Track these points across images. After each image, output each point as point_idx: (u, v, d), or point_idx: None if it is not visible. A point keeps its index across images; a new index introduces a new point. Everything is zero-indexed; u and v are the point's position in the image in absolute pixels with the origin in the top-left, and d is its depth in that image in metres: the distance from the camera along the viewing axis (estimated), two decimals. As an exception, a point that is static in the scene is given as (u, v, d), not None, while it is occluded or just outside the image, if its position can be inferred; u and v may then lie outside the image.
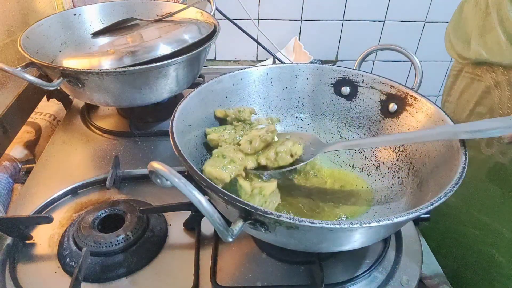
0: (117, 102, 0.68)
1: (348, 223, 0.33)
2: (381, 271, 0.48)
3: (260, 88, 0.60)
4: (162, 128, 0.75)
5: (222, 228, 0.33)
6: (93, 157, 0.67)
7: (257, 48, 1.24)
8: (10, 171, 0.66)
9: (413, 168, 0.51)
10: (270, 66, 0.60)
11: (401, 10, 1.20)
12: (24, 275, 0.47)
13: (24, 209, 0.55)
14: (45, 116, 0.83)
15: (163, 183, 0.31)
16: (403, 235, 0.52)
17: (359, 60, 0.61)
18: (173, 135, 0.43)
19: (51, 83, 0.61)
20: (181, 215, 0.54)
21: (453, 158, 0.43)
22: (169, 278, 0.47)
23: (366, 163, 0.57)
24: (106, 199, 0.58)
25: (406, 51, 0.56)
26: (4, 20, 0.71)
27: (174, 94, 0.71)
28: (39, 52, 0.71)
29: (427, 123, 0.51)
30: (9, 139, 0.69)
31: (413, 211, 0.34)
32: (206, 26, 0.74)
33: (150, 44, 0.67)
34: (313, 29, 1.22)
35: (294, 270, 0.48)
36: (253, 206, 0.34)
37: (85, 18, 0.82)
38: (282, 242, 0.41)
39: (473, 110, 0.63)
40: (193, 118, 0.51)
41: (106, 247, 0.48)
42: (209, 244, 0.51)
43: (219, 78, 0.56)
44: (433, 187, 0.44)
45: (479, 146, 0.61)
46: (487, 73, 0.59)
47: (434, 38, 1.26)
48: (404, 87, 0.54)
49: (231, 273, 0.48)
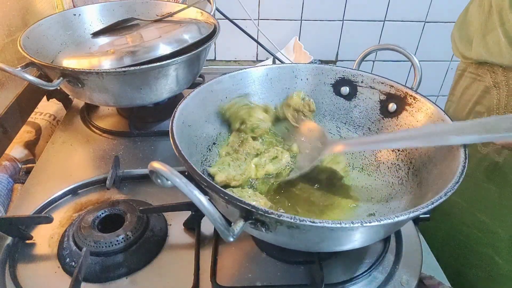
0: (117, 102, 0.68)
1: (349, 222, 0.33)
2: (381, 271, 0.48)
3: (260, 88, 0.60)
4: (162, 128, 0.75)
5: (223, 228, 0.33)
6: (93, 157, 0.67)
7: (257, 48, 1.24)
8: (10, 171, 0.66)
9: (413, 167, 0.51)
10: (270, 66, 0.60)
11: (401, 10, 1.20)
12: (24, 275, 0.47)
13: (24, 209, 0.55)
14: (45, 116, 0.83)
15: (163, 183, 0.31)
16: (403, 235, 0.52)
17: (358, 60, 0.61)
18: (173, 135, 0.43)
19: (51, 83, 0.61)
20: (181, 215, 0.54)
21: (453, 158, 0.43)
22: (169, 278, 0.47)
23: (366, 163, 0.57)
24: (106, 199, 0.58)
25: (406, 51, 0.56)
26: (4, 20, 0.71)
27: (174, 94, 0.71)
28: (39, 52, 0.71)
29: (426, 123, 0.51)
30: (9, 139, 0.69)
31: (413, 211, 0.34)
32: (206, 26, 0.74)
33: (150, 44, 0.67)
34: (313, 29, 1.22)
35: (294, 270, 0.48)
36: (254, 206, 0.34)
37: (85, 18, 0.82)
38: (282, 242, 0.41)
39: (472, 109, 0.64)
40: (193, 118, 0.51)
41: (106, 247, 0.48)
42: (209, 244, 0.51)
43: (219, 78, 0.56)
44: (433, 187, 0.44)
45: (476, 145, 0.62)
46: (488, 74, 0.60)
47: (434, 38, 1.26)
48: (404, 87, 0.55)
49: (231, 273, 0.48)
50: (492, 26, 0.57)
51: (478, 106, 0.62)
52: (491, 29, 0.57)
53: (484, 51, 0.59)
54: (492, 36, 0.57)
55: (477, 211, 0.65)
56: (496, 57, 0.57)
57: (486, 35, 0.58)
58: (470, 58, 0.63)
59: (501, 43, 0.55)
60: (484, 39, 0.59)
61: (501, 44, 0.55)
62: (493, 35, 0.57)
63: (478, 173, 0.63)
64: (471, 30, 0.63)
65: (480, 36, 0.60)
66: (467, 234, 0.67)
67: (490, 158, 0.60)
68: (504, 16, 0.55)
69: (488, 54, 0.58)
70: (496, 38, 0.56)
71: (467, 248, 0.68)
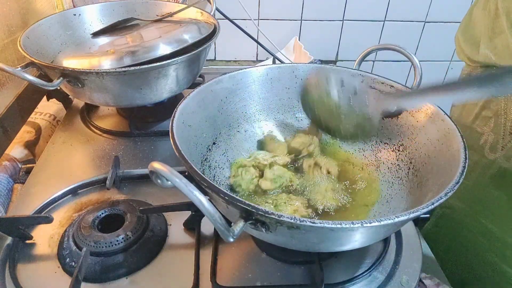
0: (117, 102, 0.68)
1: (349, 223, 0.33)
2: (381, 271, 0.48)
3: (260, 88, 0.60)
4: (162, 128, 0.75)
5: (223, 228, 0.33)
6: (93, 157, 0.67)
7: (257, 48, 1.24)
8: (10, 171, 0.66)
9: (413, 167, 0.51)
10: (270, 66, 0.60)
11: (401, 10, 1.20)
12: (24, 275, 0.47)
13: (24, 209, 0.55)
14: (45, 116, 0.83)
15: (164, 183, 0.31)
16: (403, 235, 0.52)
17: (358, 60, 0.61)
18: (173, 135, 0.43)
19: (51, 83, 0.61)
20: (181, 215, 0.54)
21: (453, 158, 0.43)
22: (169, 278, 0.47)
23: (366, 163, 0.57)
24: (106, 199, 0.58)
25: (406, 50, 0.56)
26: (4, 20, 0.71)
27: (174, 94, 0.71)
28: (39, 52, 0.71)
29: (426, 123, 0.51)
30: (9, 139, 0.69)
31: (413, 211, 0.34)
32: (206, 26, 0.74)
33: (150, 44, 0.67)
34: (313, 29, 1.22)
35: (294, 270, 0.48)
36: (254, 206, 0.34)
37: (85, 18, 0.82)
38: (283, 242, 0.41)
39: (479, 114, 0.63)
40: (193, 118, 0.51)
41: (106, 247, 0.48)
42: (209, 244, 0.51)
43: (219, 78, 0.56)
44: (433, 187, 0.44)
45: (482, 151, 0.61)
46: None
47: (434, 38, 1.26)
48: (404, 87, 0.55)
49: (231, 273, 0.48)
50: (500, 29, 0.56)
51: (485, 111, 0.61)
52: (499, 32, 0.56)
53: (493, 54, 0.58)
54: (501, 39, 0.56)
55: (483, 218, 0.63)
56: (505, 60, 0.56)
57: (493, 38, 0.58)
58: (477, 62, 0.62)
59: (510, 46, 0.54)
60: (492, 42, 0.58)
61: (510, 46, 0.54)
62: (501, 38, 0.56)
63: (485, 179, 0.62)
64: (477, 33, 0.62)
65: (487, 39, 0.59)
66: (473, 241, 0.66)
67: (499, 165, 0.59)
68: None
69: (497, 57, 0.57)
70: (505, 41, 0.55)
71: (472, 256, 0.66)
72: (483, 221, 0.64)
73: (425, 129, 0.51)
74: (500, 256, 0.62)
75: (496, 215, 0.62)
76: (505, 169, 0.59)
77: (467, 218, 0.66)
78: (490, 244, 0.63)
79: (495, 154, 0.60)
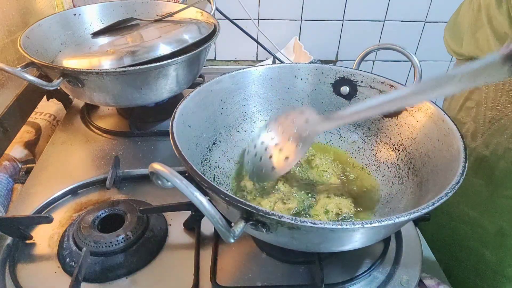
0: (117, 102, 0.68)
1: (350, 223, 0.33)
2: (381, 271, 0.48)
3: (260, 88, 0.60)
4: (162, 128, 0.75)
5: (224, 229, 0.33)
6: (93, 157, 0.67)
7: (257, 48, 1.24)
8: (10, 171, 0.66)
9: (413, 167, 0.51)
10: (270, 66, 0.60)
11: (401, 10, 1.20)
12: (24, 275, 0.47)
13: (24, 209, 0.55)
14: (45, 116, 0.83)
15: (164, 184, 0.31)
16: (403, 235, 0.52)
17: (358, 60, 0.61)
18: (173, 135, 0.43)
19: (51, 83, 0.61)
20: (181, 215, 0.54)
21: (452, 158, 0.43)
22: (169, 278, 0.47)
23: (365, 163, 0.57)
24: (106, 199, 0.58)
25: (406, 50, 0.56)
26: (4, 20, 0.71)
27: (174, 94, 0.71)
28: (39, 52, 0.71)
29: (426, 123, 0.51)
30: (9, 139, 0.69)
31: (414, 211, 0.34)
32: (206, 26, 0.74)
33: (150, 44, 0.67)
34: (313, 29, 1.22)
35: (294, 270, 0.48)
36: (254, 207, 0.34)
37: (85, 18, 0.82)
38: (283, 243, 0.41)
39: (463, 105, 0.64)
40: (193, 118, 0.51)
41: (106, 247, 0.48)
42: (209, 244, 0.51)
43: (218, 78, 0.56)
44: (433, 187, 0.44)
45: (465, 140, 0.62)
46: None
47: (434, 38, 1.26)
48: (404, 87, 0.54)
49: (231, 273, 0.48)
50: (480, 23, 0.58)
51: (468, 102, 0.63)
52: (480, 26, 0.59)
53: (475, 47, 0.60)
54: (481, 32, 0.58)
55: (465, 205, 0.65)
56: (486, 52, 0.58)
57: (475, 33, 0.60)
58: (461, 55, 0.65)
59: (489, 39, 0.56)
60: (474, 37, 0.60)
61: (489, 40, 0.56)
62: (482, 32, 0.58)
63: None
64: (462, 29, 0.64)
65: (470, 34, 0.61)
66: (455, 229, 0.67)
67: (478, 152, 0.61)
68: (491, 12, 0.56)
69: (478, 50, 0.59)
70: (485, 35, 0.57)
71: (455, 243, 0.68)
72: (465, 209, 0.65)
73: (425, 129, 0.51)
74: (480, 241, 0.63)
75: (477, 202, 0.63)
76: (483, 155, 0.60)
77: (449, 207, 0.68)
78: (472, 231, 0.65)
79: (476, 142, 0.61)
